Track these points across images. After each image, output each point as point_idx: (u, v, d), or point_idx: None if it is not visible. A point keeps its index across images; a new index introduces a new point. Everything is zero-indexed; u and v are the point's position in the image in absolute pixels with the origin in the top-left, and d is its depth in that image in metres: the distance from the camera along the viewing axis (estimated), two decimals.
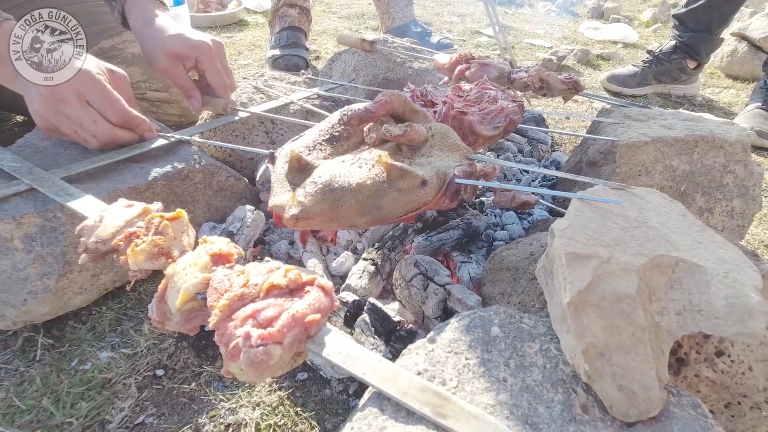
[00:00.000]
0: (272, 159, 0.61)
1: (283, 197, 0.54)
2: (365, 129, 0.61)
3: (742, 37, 1.96)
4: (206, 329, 0.45)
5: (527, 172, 0.97)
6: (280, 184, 0.56)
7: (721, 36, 1.70)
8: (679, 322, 0.42)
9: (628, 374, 0.38)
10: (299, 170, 0.55)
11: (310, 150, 0.60)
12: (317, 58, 1.95)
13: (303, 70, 1.60)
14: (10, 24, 0.67)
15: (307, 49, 1.76)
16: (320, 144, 0.61)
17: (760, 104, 1.45)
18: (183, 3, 1.81)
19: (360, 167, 0.54)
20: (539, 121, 1.25)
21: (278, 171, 0.58)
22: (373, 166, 0.54)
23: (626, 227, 0.47)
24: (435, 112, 0.73)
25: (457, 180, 0.56)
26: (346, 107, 0.62)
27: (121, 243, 0.50)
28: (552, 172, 0.67)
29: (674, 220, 0.50)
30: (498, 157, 1.11)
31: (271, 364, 0.40)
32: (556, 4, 3.02)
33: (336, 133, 0.62)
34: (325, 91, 1.10)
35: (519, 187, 0.61)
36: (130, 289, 0.70)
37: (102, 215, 0.53)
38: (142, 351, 0.66)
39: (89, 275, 0.68)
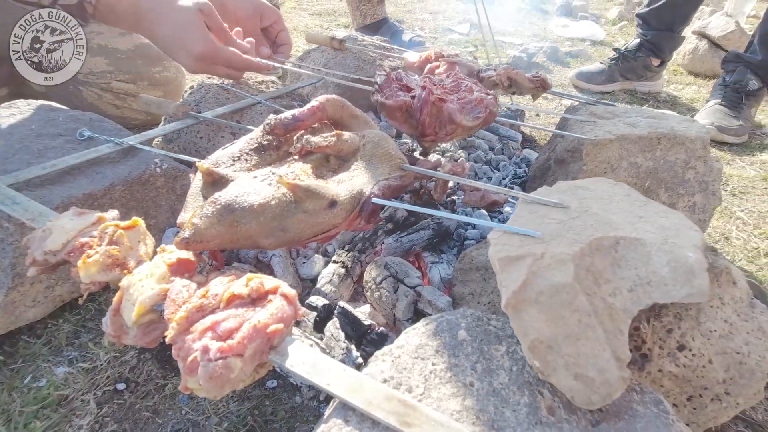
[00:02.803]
0: (195, 169, 0.55)
1: (188, 215, 0.49)
2: (294, 138, 0.56)
3: (702, 35, 2.02)
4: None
5: (485, 178, 0.97)
6: (194, 198, 0.52)
7: (682, 34, 1.75)
8: (632, 299, 0.42)
9: (582, 361, 0.38)
10: (212, 184, 0.51)
11: (234, 160, 0.55)
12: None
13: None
14: None
15: None
16: (247, 154, 0.55)
17: (720, 100, 1.50)
18: None
19: (269, 184, 0.50)
20: (515, 117, 1.26)
21: (194, 184, 0.53)
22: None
23: (564, 220, 0.47)
24: (413, 97, 0.70)
25: (374, 200, 0.51)
26: (271, 115, 0.57)
27: (72, 254, 0.48)
28: (491, 187, 0.64)
29: (617, 202, 0.51)
30: (469, 155, 1.11)
31: (231, 378, 0.38)
32: (525, 2, 3.06)
33: (265, 142, 0.57)
34: (295, 89, 1.08)
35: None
36: (82, 302, 0.67)
37: (51, 225, 0.50)
38: (101, 365, 0.63)
39: (43, 287, 0.65)
